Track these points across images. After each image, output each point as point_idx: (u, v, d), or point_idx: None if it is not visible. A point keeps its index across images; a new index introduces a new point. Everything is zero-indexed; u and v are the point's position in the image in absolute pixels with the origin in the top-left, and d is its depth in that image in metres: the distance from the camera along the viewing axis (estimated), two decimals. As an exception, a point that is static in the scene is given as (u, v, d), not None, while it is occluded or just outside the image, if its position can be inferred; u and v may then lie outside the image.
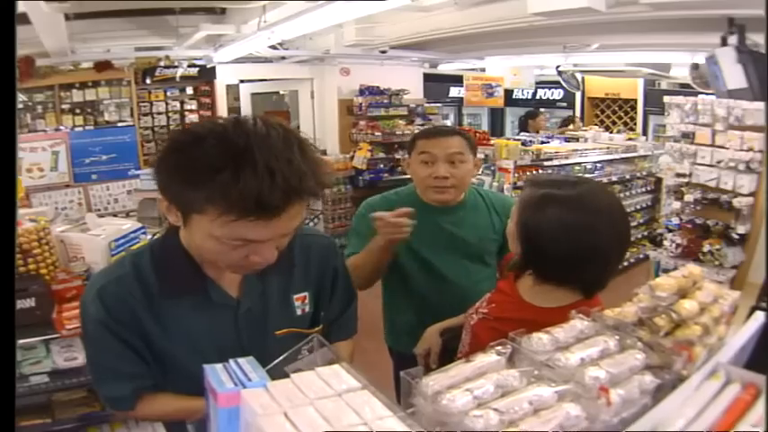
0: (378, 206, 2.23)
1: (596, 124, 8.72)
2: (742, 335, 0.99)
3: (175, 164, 1.05)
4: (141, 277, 1.20)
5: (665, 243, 4.23)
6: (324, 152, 7.14)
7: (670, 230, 4.27)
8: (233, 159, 0.98)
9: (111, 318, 1.18)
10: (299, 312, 1.36)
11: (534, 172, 5.11)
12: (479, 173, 4.85)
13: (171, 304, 1.20)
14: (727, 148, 3.66)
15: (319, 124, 7.57)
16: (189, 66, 6.65)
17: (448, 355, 1.71)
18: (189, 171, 1.01)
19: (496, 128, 10.94)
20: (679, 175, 4.03)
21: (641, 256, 6.13)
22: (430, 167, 2.06)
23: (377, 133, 6.91)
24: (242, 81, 7.67)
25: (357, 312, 1.56)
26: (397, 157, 7.00)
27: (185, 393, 1.21)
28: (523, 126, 7.90)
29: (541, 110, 8.71)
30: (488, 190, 2.47)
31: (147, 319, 1.19)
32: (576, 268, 1.33)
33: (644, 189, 6.40)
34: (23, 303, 2.06)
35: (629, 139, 6.72)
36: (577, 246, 1.29)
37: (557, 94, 10.19)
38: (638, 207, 6.29)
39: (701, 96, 4.09)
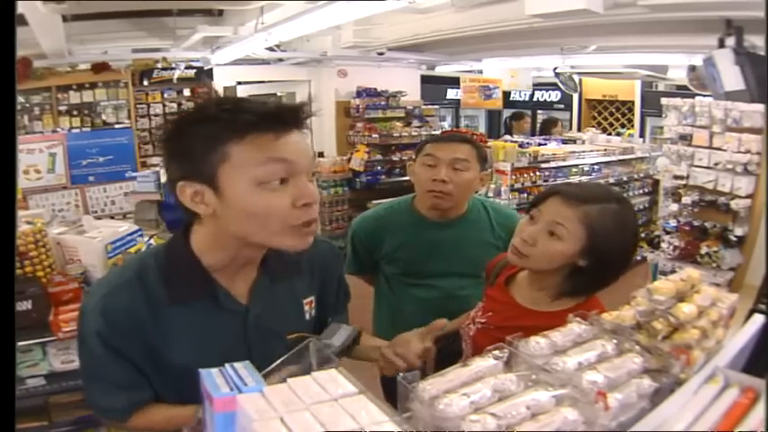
0: (369, 224, 2.19)
1: (594, 126, 8.73)
2: (740, 338, 0.98)
3: (188, 128, 1.11)
4: (145, 284, 1.17)
5: (663, 245, 4.25)
6: (321, 154, 7.14)
7: (668, 232, 4.28)
8: (234, 102, 1.13)
9: (110, 330, 1.15)
10: (307, 317, 1.36)
11: (532, 173, 5.12)
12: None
13: (177, 311, 1.17)
14: (725, 150, 3.67)
15: (316, 126, 7.56)
16: (186, 68, 6.64)
17: (442, 361, 1.70)
18: (203, 124, 1.09)
19: (494, 130, 10.93)
20: (676, 176, 4.04)
21: (638, 257, 6.13)
22: (431, 170, 1.98)
23: (374, 135, 6.92)
24: (239, 83, 7.67)
25: None
26: (394, 159, 7.00)
27: (187, 402, 1.15)
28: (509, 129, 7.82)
29: (543, 113, 8.71)
30: (493, 202, 2.32)
31: (151, 328, 1.16)
32: (619, 272, 1.39)
33: (641, 191, 6.41)
34: (20, 306, 2.05)
35: (628, 135, 6.78)
36: (630, 250, 1.40)
37: (554, 95, 10.20)
38: (636, 209, 6.26)
39: (698, 98, 4.11)
